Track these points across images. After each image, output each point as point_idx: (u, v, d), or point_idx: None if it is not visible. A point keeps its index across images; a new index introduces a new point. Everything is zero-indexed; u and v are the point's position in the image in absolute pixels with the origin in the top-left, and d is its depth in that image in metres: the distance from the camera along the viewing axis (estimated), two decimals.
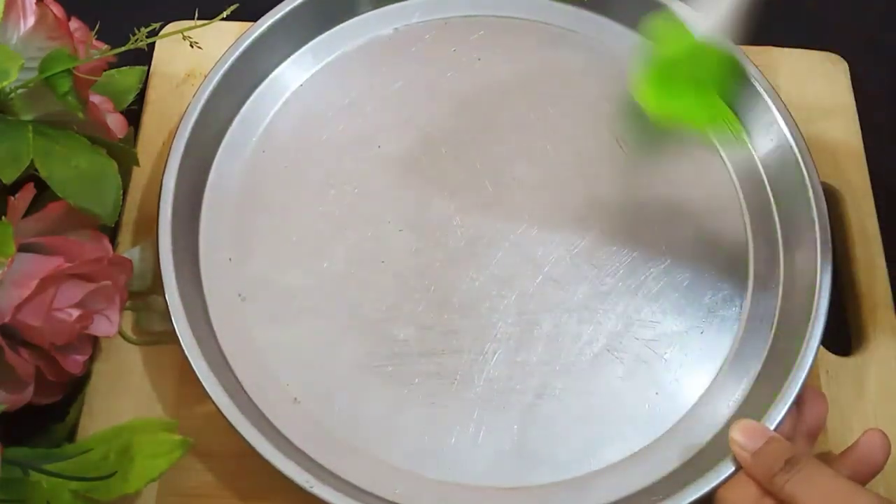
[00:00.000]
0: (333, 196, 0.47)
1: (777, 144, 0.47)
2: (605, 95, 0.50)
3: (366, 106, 0.49)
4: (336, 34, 0.51)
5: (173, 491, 0.41)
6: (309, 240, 0.46)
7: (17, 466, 0.37)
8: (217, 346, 0.43)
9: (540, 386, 0.43)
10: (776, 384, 0.41)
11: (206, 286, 0.44)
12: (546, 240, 0.46)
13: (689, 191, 0.48)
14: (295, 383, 0.42)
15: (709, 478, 0.38)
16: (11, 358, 0.37)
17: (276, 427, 0.41)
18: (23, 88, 0.39)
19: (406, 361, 0.43)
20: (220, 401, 0.39)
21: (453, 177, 0.48)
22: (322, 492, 0.38)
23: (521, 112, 0.49)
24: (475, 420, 0.42)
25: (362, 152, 0.48)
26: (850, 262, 0.48)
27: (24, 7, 0.39)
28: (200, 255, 0.45)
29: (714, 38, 0.42)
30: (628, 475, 0.41)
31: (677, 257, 0.46)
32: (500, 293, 0.45)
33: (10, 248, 0.36)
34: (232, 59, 0.47)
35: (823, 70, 0.53)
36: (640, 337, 0.44)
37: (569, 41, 0.52)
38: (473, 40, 0.51)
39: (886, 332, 0.46)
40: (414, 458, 0.41)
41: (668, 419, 0.42)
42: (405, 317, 0.44)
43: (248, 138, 0.48)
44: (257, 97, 0.49)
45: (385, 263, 0.45)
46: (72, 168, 0.40)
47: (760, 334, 0.44)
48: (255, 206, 0.46)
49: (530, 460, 0.41)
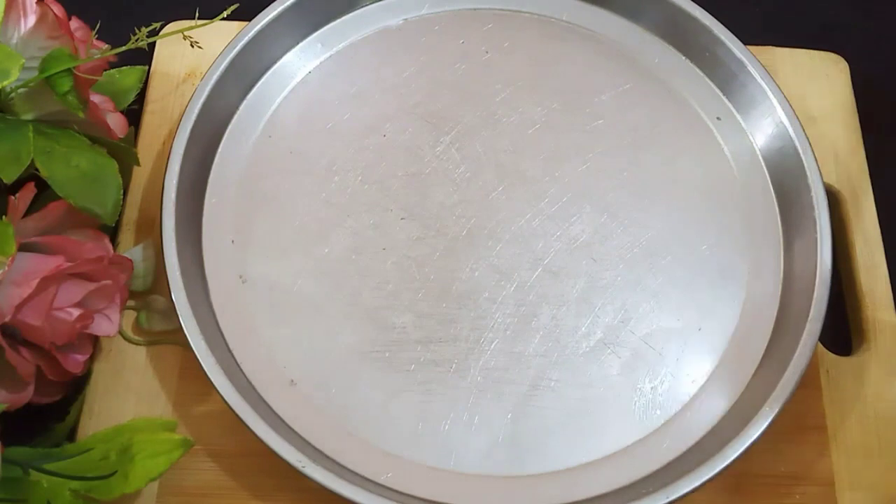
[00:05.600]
0: (337, 183, 0.46)
1: (781, 145, 0.46)
2: (609, 89, 0.49)
3: (372, 95, 0.48)
4: (345, 23, 0.50)
5: (173, 491, 0.40)
6: (311, 225, 0.45)
7: (17, 466, 0.36)
8: (216, 326, 0.42)
9: (535, 377, 0.42)
10: (771, 383, 0.40)
11: (207, 267, 0.43)
12: (547, 232, 0.45)
13: (692, 189, 0.47)
14: (292, 366, 0.41)
15: (701, 472, 0.38)
16: (12, 357, 0.37)
17: (271, 408, 0.40)
18: (23, 88, 0.39)
19: (403, 348, 0.42)
20: (216, 380, 0.38)
21: (457, 167, 0.47)
22: (314, 473, 0.37)
23: (526, 104, 0.48)
24: (469, 408, 0.41)
25: (367, 140, 0.47)
26: (850, 263, 0.47)
27: (24, 7, 0.39)
28: (203, 236, 0.44)
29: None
30: (620, 468, 0.40)
31: (677, 254, 0.45)
32: (499, 284, 0.44)
33: (11, 247, 0.35)
34: (240, 46, 0.46)
35: (823, 70, 0.52)
36: (637, 331, 0.43)
37: (575, 35, 0.51)
38: (482, 32, 0.50)
39: (886, 332, 0.45)
40: (407, 445, 0.40)
41: (663, 414, 0.41)
42: (404, 304, 0.43)
43: (254, 124, 0.47)
44: (265, 84, 0.48)
45: (386, 251, 0.44)
46: (72, 168, 0.39)
47: (758, 333, 0.43)
48: (258, 191, 0.45)
49: (523, 450, 0.40)
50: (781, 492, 0.41)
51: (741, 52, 0.47)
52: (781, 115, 0.46)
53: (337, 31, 0.50)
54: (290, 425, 0.39)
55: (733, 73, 0.48)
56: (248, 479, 0.40)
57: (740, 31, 0.48)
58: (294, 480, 0.38)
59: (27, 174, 0.37)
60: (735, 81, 0.48)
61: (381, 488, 0.38)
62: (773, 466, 0.41)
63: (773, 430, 0.39)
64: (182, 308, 0.39)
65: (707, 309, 0.43)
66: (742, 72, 0.47)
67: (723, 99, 0.49)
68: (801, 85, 0.51)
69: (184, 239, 0.42)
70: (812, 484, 0.41)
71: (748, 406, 0.40)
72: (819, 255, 0.42)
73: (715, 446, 0.39)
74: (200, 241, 0.43)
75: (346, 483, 0.37)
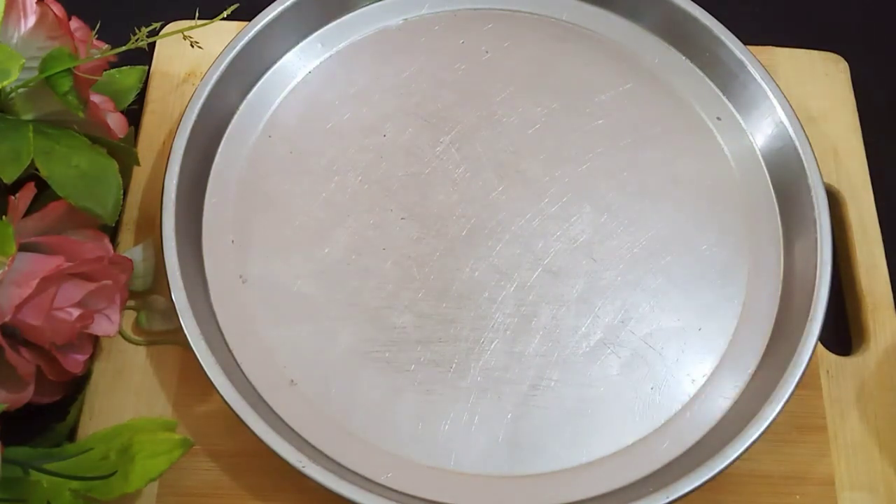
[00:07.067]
0: (337, 183, 0.45)
1: (781, 145, 0.46)
2: (609, 89, 0.48)
3: (372, 95, 0.48)
4: (345, 23, 0.50)
5: (173, 491, 0.40)
6: (311, 225, 0.44)
7: (17, 466, 0.36)
8: (216, 327, 0.41)
9: (535, 377, 0.41)
10: (771, 383, 0.40)
11: (207, 267, 0.43)
12: (547, 232, 0.45)
13: (692, 189, 0.46)
14: (292, 366, 0.41)
15: (701, 472, 0.37)
16: (12, 357, 0.36)
17: (271, 408, 0.40)
18: (23, 88, 0.38)
19: (403, 348, 0.42)
20: (216, 380, 0.38)
21: (457, 167, 0.46)
22: (314, 473, 0.36)
23: (526, 104, 0.48)
24: (469, 408, 0.40)
25: (367, 140, 0.47)
26: (850, 262, 0.47)
27: (24, 6, 0.38)
28: (203, 236, 0.43)
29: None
30: (620, 468, 0.40)
31: (677, 254, 0.44)
32: (499, 284, 0.43)
33: (11, 247, 0.35)
34: (240, 46, 0.46)
35: (823, 70, 0.52)
36: (637, 332, 0.43)
37: (575, 35, 0.50)
38: (482, 32, 0.50)
39: (886, 332, 0.45)
40: (407, 444, 0.40)
41: (663, 414, 0.41)
42: (404, 304, 0.43)
43: (254, 124, 0.47)
44: (265, 84, 0.48)
45: (386, 251, 0.44)
46: (72, 167, 0.38)
47: (758, 333, 0.43)
48: (258, 191, 0.45)
49: (523, 450, 0.40)
50: (781, 492, 0.41)
51: (741, 52, 0.47)
52: (781, 115, 0.46)
53: (337, 31, 0.49)
54: (290, 425, 0.39)
55: (733, 73, 0.48)
56: (248, 479, 0.40)
57: (740, 31, 0.48)
58: (294, 480, 0.37)
59: (27, 174, 0.37)
60: (735, 81, 0.48)
61: (381, 488, 0.38)
62: (773, 466, 0.41)
63: (773, 430, 0.38)
64: (182, 308, 0.39)
65: (707, 309, 0.43)
66: (742, 72, 0.47)
67: (723, 99, 0.48)
68: (801, 85, 0.50)
69: (184, 239, 0.41)
70: (812, 484, 0.41)
71: (748, 406, 0.40)
72: (819, 255, 0.42)
73: (715, 446, 0.38)
74: (200, 241, 0.43)
75: (346, 483, 0.36)
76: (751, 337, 0.42)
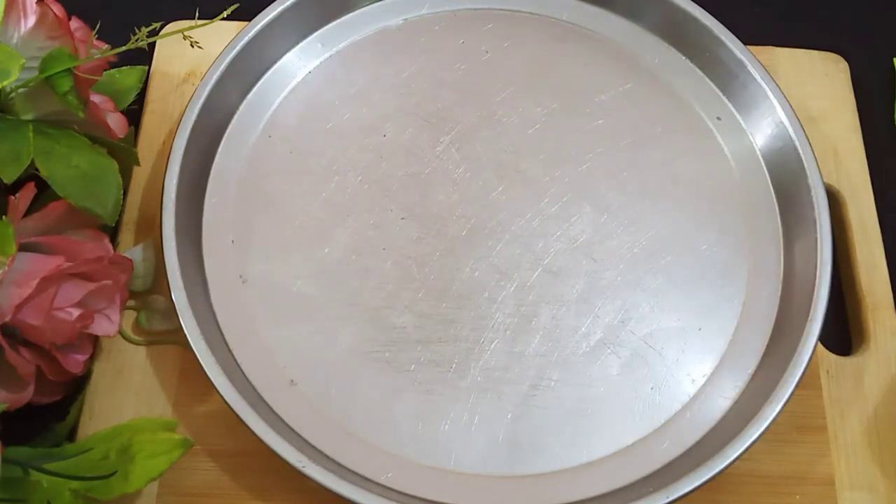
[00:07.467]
0: (337, 183, 0.45)
1: (781, 145, 0.46)
2: (609, 89, 0.48)
3: (372, 95, 0.48)
4: (345, 23, 0.49)
5: (173, 491, 0.40)
6: (311, 225, 0.44)
7: (17, 466, 0.36)
8: (216, 327, 0.41)
9: (535, 377, 0.41)
10: (771, 383, 0.40)
11: (207, 267, 0.43)
12: (547, 232, 0.45)
13: (692, 189, 0.46)
14: (292, 366, 0.41)
15: (701, 472, 0.37)
16: (12, 357, 0.36)
17: (271, 408, 0.40)
18: (23, 88, 0.38)
19: (403, 348, 0.42)
20: (216, 380, 0.38)
21: (457, 167, 0.46)
22: (314, 473, 0.36)
23: (526, 104, 0.48)
24: (469, 408, 0.40)
25: (367, 140, 0.47)
26: (850, 262, 0.46)
27: (24, 6, 0.38)
28: (203, 236, 0.43)
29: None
30: (620, 468, 0.39)
31: (677, 254, 0.44)
32: (499, 284, 0.43)
33: (11, 247, 0.35)
34: (240, 46, 0.46)
35: (823, 70, 0.52)
36: (637, 331, 0.42)
37: (575, 35, 0.50)
38: (482, 32, 0.50)
39: (886, 332, 0.45)
40: (407, 444, 0.40)
41: (663, 414, 0.41)
42: (404, 304, 0.42)
43: (254, 124, 0.47)
44: (265, 84, 0.47)
45: (386, 251, 0.44)
46: (72, 167, 0.38)
47: (758, 333, 0.43)
48: (258, 191, 0.45)
49: (523, 450, 0.40)
50: (781, 492, 0.41)
51: (741, 52, 0.47)
52: (781, 115, 0.46)
53: (337, 31, 0.49)
54: (290, 425, 0.39)
55: (733, 73, 0.47)
56: (248, 479, 0.40)
57: (740, 31, 0.48)
58: (294, 480, 0.37)
59: (27, 174, 0.37)
60: (735, 81, 0.48)
61: (381, 488, 0.38)
62: (773, 466, 0.41)
63: (773, 430, 0.38)
64: (182, 308, 0.39)
65: (707, 309, 0.43)
66: (742, 72, 0.47)
67: (723, 99, 0.48)
68: (801, 85, 0.50)
69: (184, 239, 0.41)
70: (812, 484, 0.41)
71: (748, 406, 0.40)
72: (819, 255, 0.42)
73: (715, 446, 0.38)
74: (200, 241, 0.43)
75: (346, 483, 0.36)
76: (751, 337, 0.42)
